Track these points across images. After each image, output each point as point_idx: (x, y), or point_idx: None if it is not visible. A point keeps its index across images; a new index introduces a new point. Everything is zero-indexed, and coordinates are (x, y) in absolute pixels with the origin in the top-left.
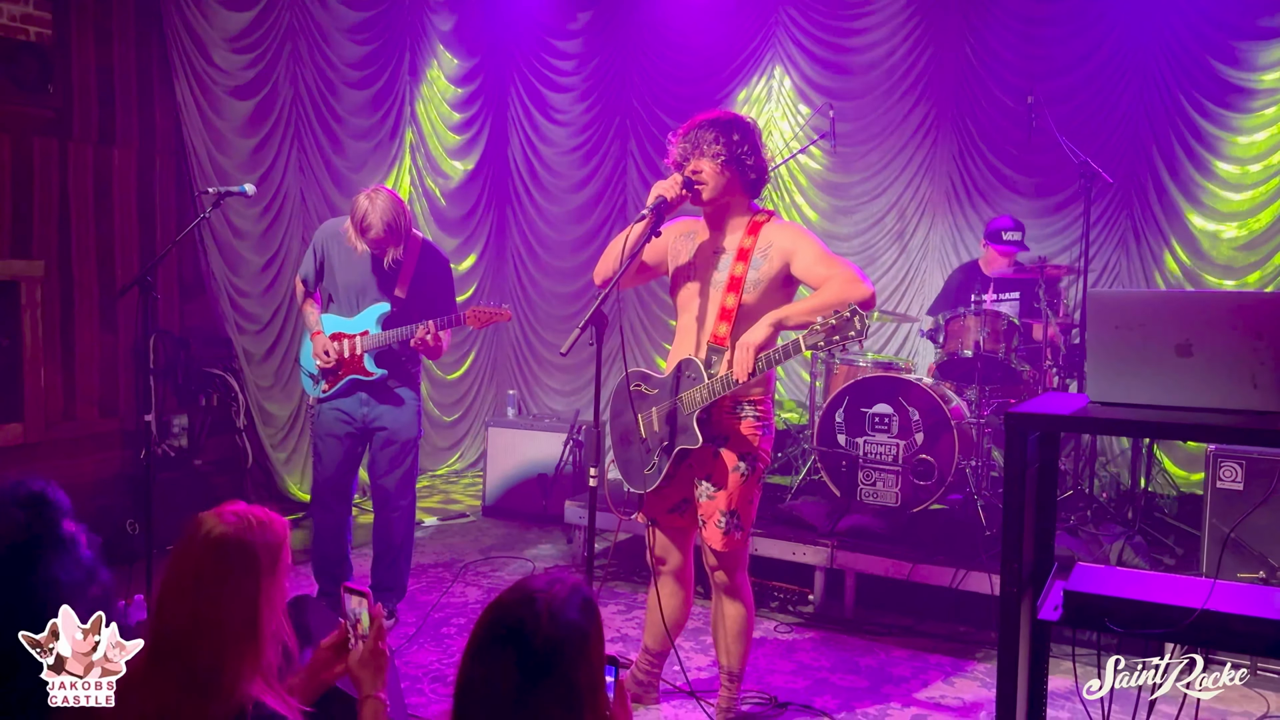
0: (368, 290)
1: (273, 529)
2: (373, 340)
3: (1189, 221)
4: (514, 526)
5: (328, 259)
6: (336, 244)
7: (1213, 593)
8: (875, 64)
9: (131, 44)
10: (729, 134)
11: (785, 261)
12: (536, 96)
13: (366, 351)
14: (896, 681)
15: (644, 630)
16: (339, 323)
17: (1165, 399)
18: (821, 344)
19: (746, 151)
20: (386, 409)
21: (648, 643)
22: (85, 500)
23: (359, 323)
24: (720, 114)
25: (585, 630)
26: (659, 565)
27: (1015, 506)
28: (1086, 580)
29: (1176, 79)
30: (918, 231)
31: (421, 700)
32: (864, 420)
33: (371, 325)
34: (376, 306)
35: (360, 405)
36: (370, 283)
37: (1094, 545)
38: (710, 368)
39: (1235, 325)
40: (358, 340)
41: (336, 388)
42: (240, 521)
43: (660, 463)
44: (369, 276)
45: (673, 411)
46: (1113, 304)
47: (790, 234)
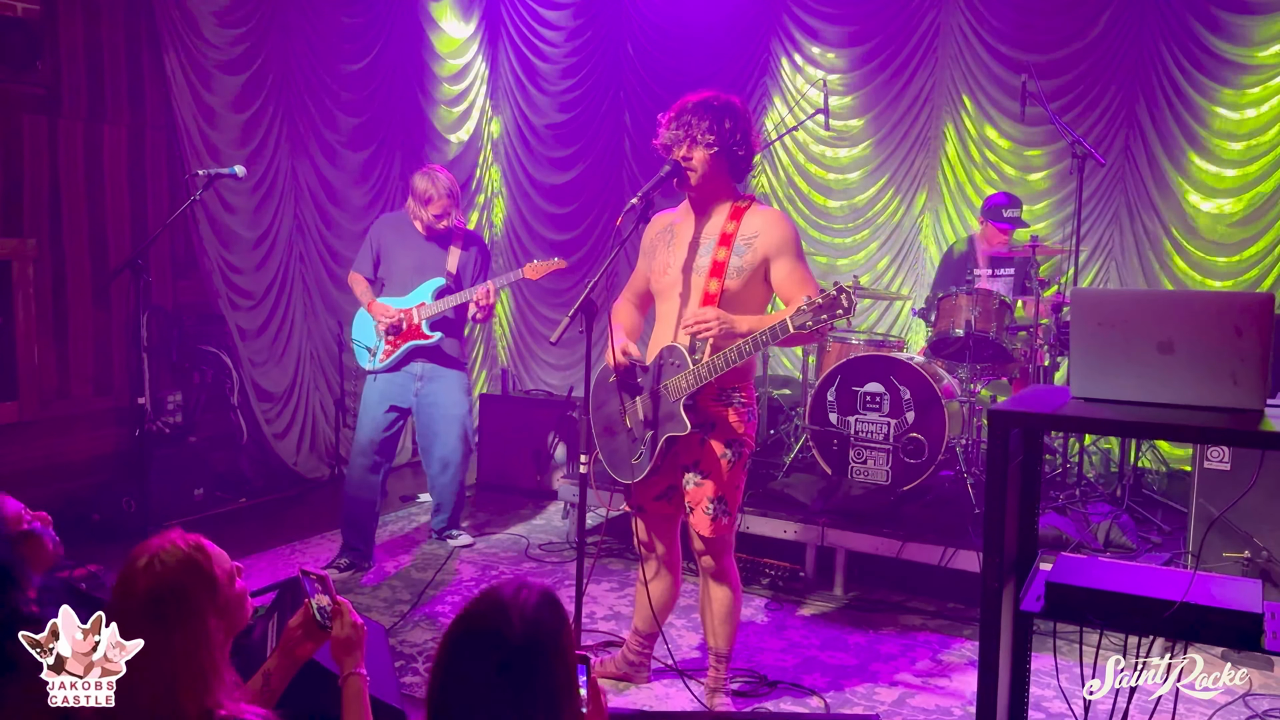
0: (423, 270)
1: (199, 559)
2: (431, 309)
3: (1183, 198)
4: (508, 500)
5: (384, 249)
6: (393, 233)
7: (1192, 585)
8: (870, 34)
9: (121, 19)
10: (721, 121)
11: (766, 260)
12: (529, 67)
13: (425, 319)
14: (885, 659)
15: (634, 612)
16: (395, 302)
17: (1147, 395)
18: (809, 323)
19: (739, 140)
20: (440, 385)
21: (637, 624)
22: (81, 478)
23: (414, 298)
24: (712, 97)
25: (557, 631)
26: (646, 551)
27: (997, 502)
28: (1069, 571)
29: (1172, 53)
30: (913, 206)
31: (416, 680)
32: (855, 399)
33: (427, 298)
34: (431, 282)
35: (414, 380)
36: (425, 264)
37: (1082, 524)
38: (694, 353)
39: (1216, 324)
40: (414, 311)
41: (394, 357)
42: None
43: (648, 451)
44: (423, 259)
45: (657, 399)
46: (1096, 301)
47: (774, 232)
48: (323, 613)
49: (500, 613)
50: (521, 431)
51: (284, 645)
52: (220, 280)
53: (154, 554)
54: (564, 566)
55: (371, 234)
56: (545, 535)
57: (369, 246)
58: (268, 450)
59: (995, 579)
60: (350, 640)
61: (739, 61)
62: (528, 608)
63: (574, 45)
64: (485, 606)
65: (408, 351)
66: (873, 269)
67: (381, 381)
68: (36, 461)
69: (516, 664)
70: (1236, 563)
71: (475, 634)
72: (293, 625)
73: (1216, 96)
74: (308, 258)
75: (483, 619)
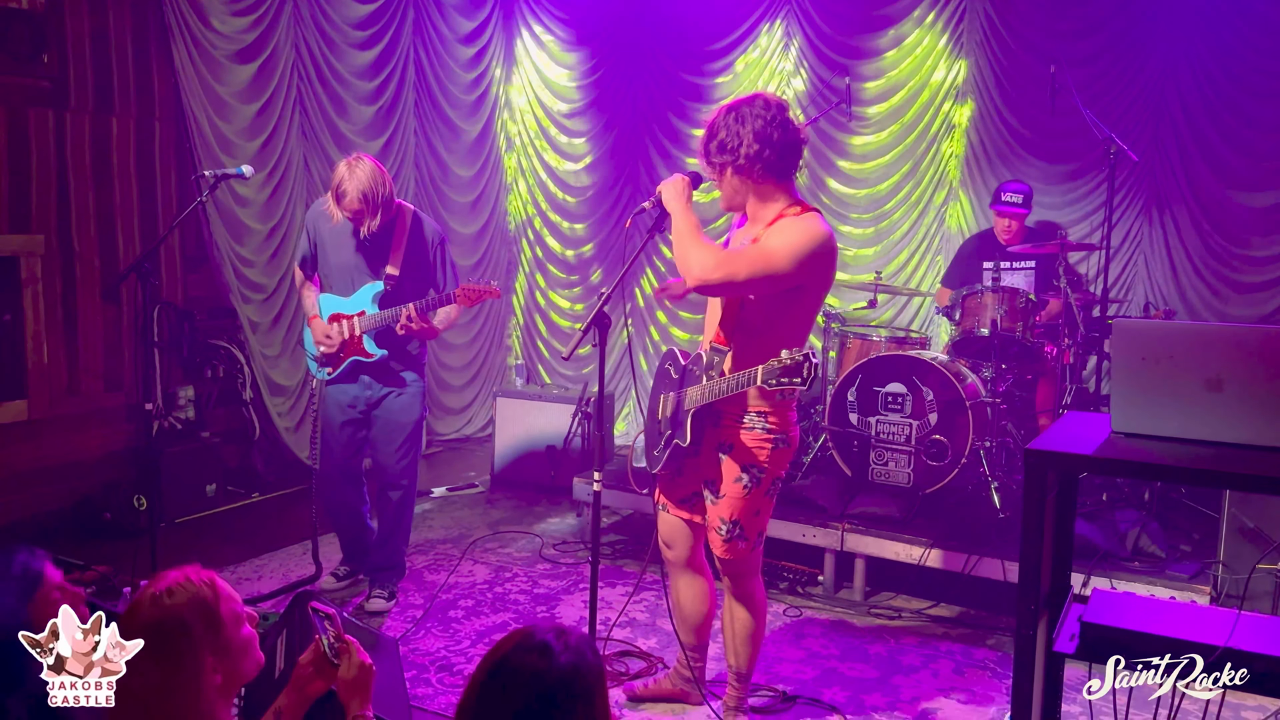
0: (360, 268)
1: (207, 595)
2: (370, 320)
3: (1213, 191)
4: (522, 498)
5: (319, 239)
6: (324, 222)
7: (1236, 627)
8: (892, 20)
9: (127, 9)
10: (726, 142)
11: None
12: (544, 51)
13: (365, 332)
14: (906, 671)
15: (676, 628)
16: (337, 303)
17: (1193, 433)
18: (772, 382)
19: (756, 152)
20: (389, 391)
21: (683, 637)
22: (92, 476)
23: (355, 303)
24: (716, 118)
25: (600, 673)
26: (666, 550)
27: (1034, 547)
28: (1104, 610)
29: (1206, 41)
30: (935, 198)
31: (428, 691)
32: (876, 399)
33: (367, 305)
34: (370, 285)
35: (364, 388)
36: (360, 261)
37: (1110, 531)
38: (711, 369)
39: (1268, 361)
40: (355, 321)
41: (340, 370)
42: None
43: (664, 448)
44: (358, 254)
45: (679, 402)
46: (1140, 334)
47: (771, 240)
48: (333, 649)
49: (542, 653)
50: (535, 428)
51: (295, 682)
52: (231, 273)
53: (164, 587)
54: (578, 569)
55: (307, 220)
56: (560, 534)
57: (305, 234)
58: (280, 444)
59: (1030, 625)
60: (357, 681)
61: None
62: (570, 651)
63: (587, 31)
64: (525, 644)
65: (352, 365)
66: (893, 260)
67: (335, 392)
68: (47, 460)
69: (557, 704)
70: (1270, 575)
71: (514, 673)
72: (304, 662)
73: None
74: None
75: (521, 657)
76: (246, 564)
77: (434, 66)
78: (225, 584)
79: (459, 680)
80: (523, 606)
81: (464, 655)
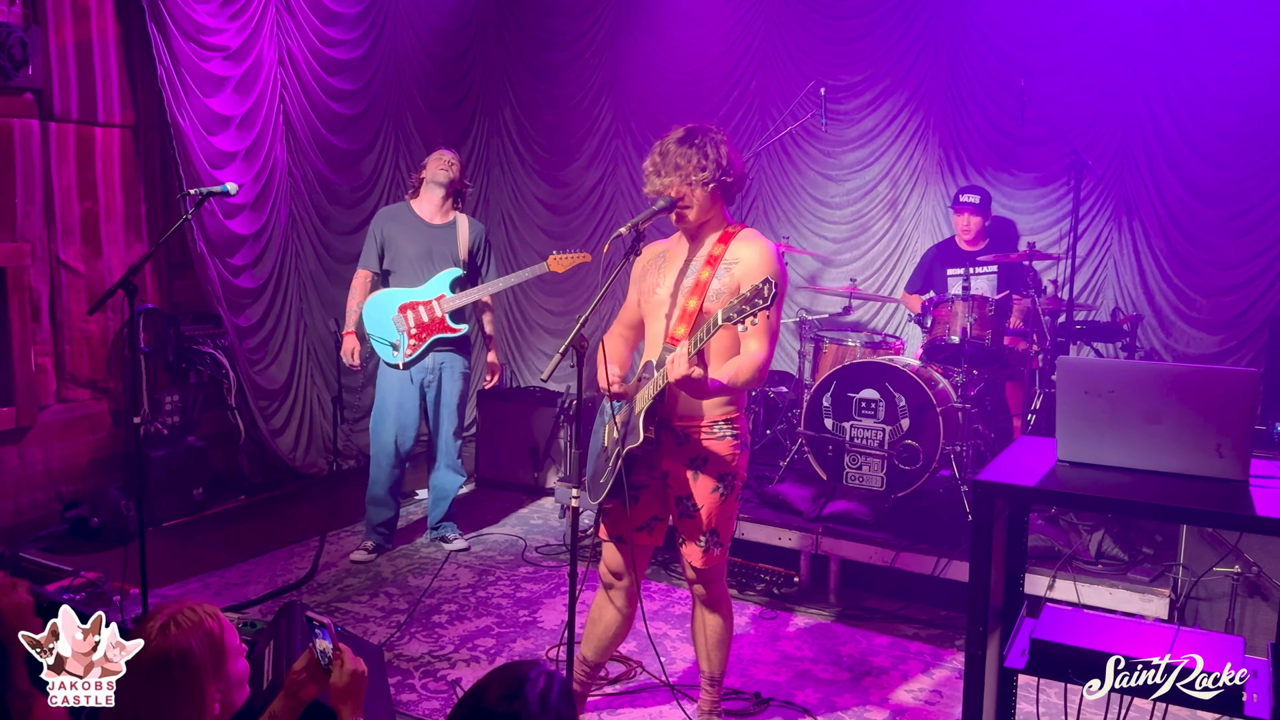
0: (432, 257)
1: (213, 627)
2: (452, 301)
3: (1181, 199)
4: (505, 497)
5: (389, 240)
6: (394, 223)
7: (1175, 641)
8: (869, 28)
9: (110, 17)
10: (705, 154)
11: (739, 288)
12: (529, 55)
13: (448, 312)
14: (877, 673)
15: (582, 639)
16: (408, 294)
17: (1134, 462)
18: (734, 315)
19: (726, 168)
20: (450, 373)
21: (585, 653)
22: (79, 482)
23: (432, 289)
24: (697, 131)
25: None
26: (615, 580)
27: (982, 571)
28: (1053, 627)
29: (1173, 50)
30: (910, 200)
31: (412, 698)
32: (851, 405)
33: (446, 289)
34: (448, 272)
35: (427, 372)
36: (433, 250)
37: (1074, 534)
38: (661, 365)
39: (1202, 398)
40: (435, 304)
41: (420, 350)
42: (179, 629)
43: (613, 468)
44: (430, 245)
45: (629, 415)
46: (1082, 371)
47: (754, 263)
48: (325, 657)
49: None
50: (518, 428)
51: (289, 687)
52: (216, 279)
53: (170, 617)
54: (560, 572)
55: (373, 227)
56: (542, 536)
57: (373, 240)
58: (266, 447)
59: (979, 645)
60: (349, 688)
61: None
62: (551, 694)
63: (573, 35)
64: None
65: (432, 344)
66: (871, 262)
67: (404, 376)
68: (34, 467)
69: None
70: (1226, 577)
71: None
72: (297, 669)
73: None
74: (303, 253)
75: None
76: (234, 569)
77: (417, 67)
78: (224, 616)
79: (443, 686)
80: (505, 611)
81: (448, 661)
